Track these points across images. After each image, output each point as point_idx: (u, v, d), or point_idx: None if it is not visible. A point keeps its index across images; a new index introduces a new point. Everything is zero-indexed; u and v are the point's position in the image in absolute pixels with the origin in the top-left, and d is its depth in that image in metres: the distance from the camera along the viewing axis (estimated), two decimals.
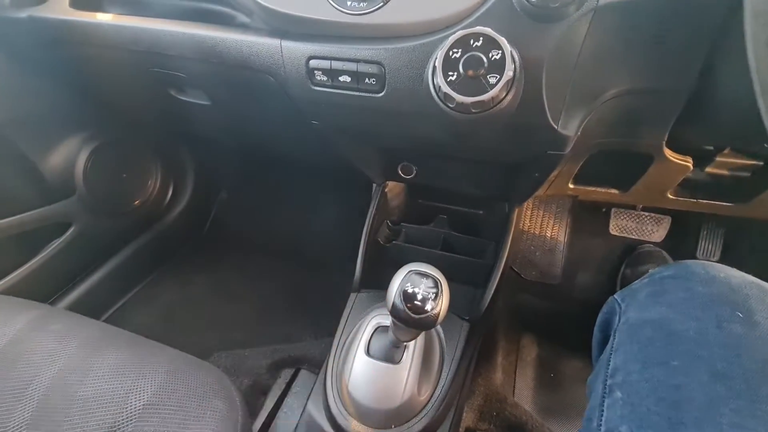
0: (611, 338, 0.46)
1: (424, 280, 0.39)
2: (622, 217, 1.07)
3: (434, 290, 0.38)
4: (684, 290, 0.43)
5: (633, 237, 1.06)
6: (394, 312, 0.39)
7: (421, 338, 0.58)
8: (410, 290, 0.38)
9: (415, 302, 0.37)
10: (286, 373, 0.86)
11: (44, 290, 0.95)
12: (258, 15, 0.53)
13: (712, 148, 0.60)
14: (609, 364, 0.43)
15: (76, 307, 0.99)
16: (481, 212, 0.89)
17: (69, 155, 0.95)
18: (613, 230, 1.07)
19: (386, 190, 0.82)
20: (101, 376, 0.51)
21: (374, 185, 0.84)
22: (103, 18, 0.66)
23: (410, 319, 0.38)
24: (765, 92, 0.26)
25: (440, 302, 0.38)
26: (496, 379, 0.88)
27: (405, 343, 0.54)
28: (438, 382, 0.59)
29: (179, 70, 0.66)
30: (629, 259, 1.06)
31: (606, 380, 0.42)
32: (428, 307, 0.37)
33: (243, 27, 0.57)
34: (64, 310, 0.66)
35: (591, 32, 0.41)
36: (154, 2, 0.68)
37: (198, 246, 1.28)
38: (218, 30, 0.57)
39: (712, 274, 0.43)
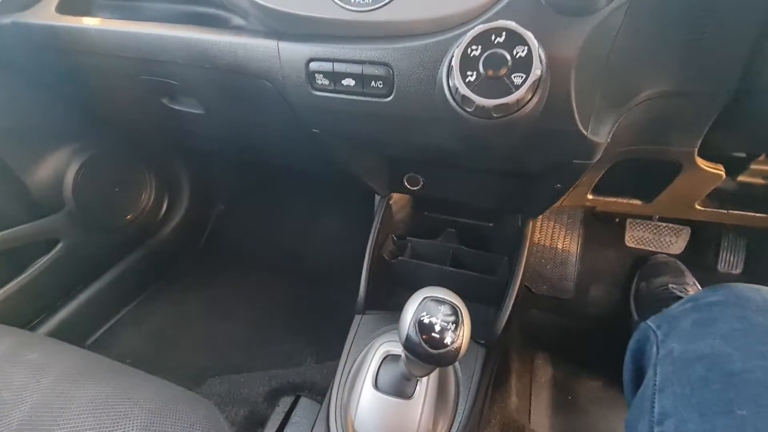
0: (652, 372, 0.40)
1: (442, 307, 0.33)
2: (638, 228, 1.02)
3: (453, 319, 0.33)
4: (738, 320, 0.37)
5: (650, 249, 1.01)
6: (409, 346, 0.34)
7: (435, 370, 0.52)
8: (427, 320, 0.33)
9: (433, 334, 0.32)
10: (285, 401, 0.79)
11: (27, 313, 0.90)
12: (254, 16, 0.49)
13: (745, 155, 0.56)
14: (654, 406, 0.37)
15: (60, 331, 0.93)
16: (491, 225, 0.84)
17: (57, 168, 0.90)
18: (630, 242, 1.02)
19: (391, 202, 0.78)
20: (78, 414, 0.46)
21: (378, 197, 0.79)
22: (90, 23, 0.63)
23: (427, 354, 0.33)
24: None
25: (461, 334, 0.33)
26: (511, 404, 0.82)
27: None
28: (455, 416, 0.53)
29: (171, 77, 0.62)
30: (641, 271, 1.00)
31: (653, 427, 0.36)
32: (448, 340, 0.32)
33: (237, 29, 0.53)
34: (43, 336, 0.61)
35: (624, 27, 0.36)
36: (144, 6, 0.65)
37: (193, 262, 1.23)
38: (210, 32, 0.53)
39: None
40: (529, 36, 0.34)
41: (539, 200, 0.62)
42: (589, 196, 0.66)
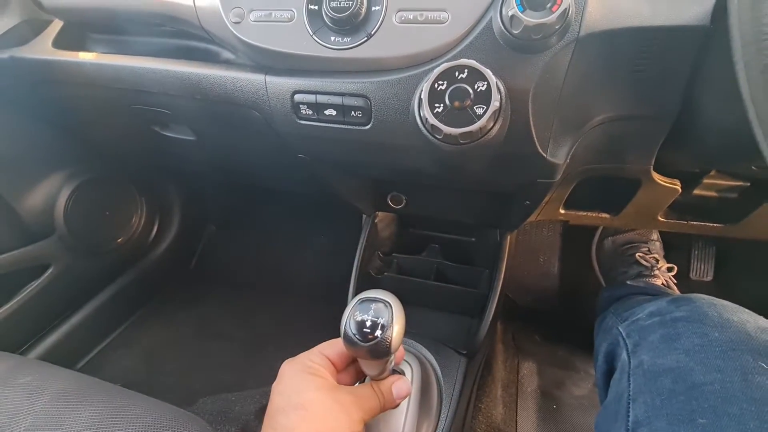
0: (626, 383, 0.44)
1: (373, 305, 0.37)
2: None
3: (385, 314, 0.37)
4: (699, 336, 0.42)
5: None
6: (348, 343, 0.37)
7: (417, 377, 0.55)
8: (359, 318, 0.37)
9: (364, 329, 0.36)
10: None
11: (17, 337, 0.90)
12: (242, 51, 0.53)
13: (697, 170, 0.61)
14: (629, 414, 0.41)
15: (51, 354, 0.93)
16: (473, 239, 0.88)
17: (49, 194, 0.92)
18: None
19: (376, 221, 0.81)
20: None
21: (364, 216, 0.82)
22: (86, 57, 0.66)
23: (363, 348, 0.36)
24: (762, 120, 0.26)
25: (391, 327, 0.36)
26: (497, 414, 0.84)
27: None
28: (438, 422, 0.56)
29: (163, 107, 0.66)
30: (604, 227, 1.00)
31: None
32: (378, 333, 0.36)
33: (227, 63, 0.57)
34: (35, 360, 0.62)
35: (573, 62, 0.41)
36: (137, 41, 0.68)
37: (184, 283, 1.24)
38: (201, 66, 0.56)
39: (726, 317, 0.43)
40: (487, 72, 0.38)
41: (513, 216, 0.67)
42: (562, 211, 0.70)
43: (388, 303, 0.37)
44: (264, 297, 1.17)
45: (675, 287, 0.89)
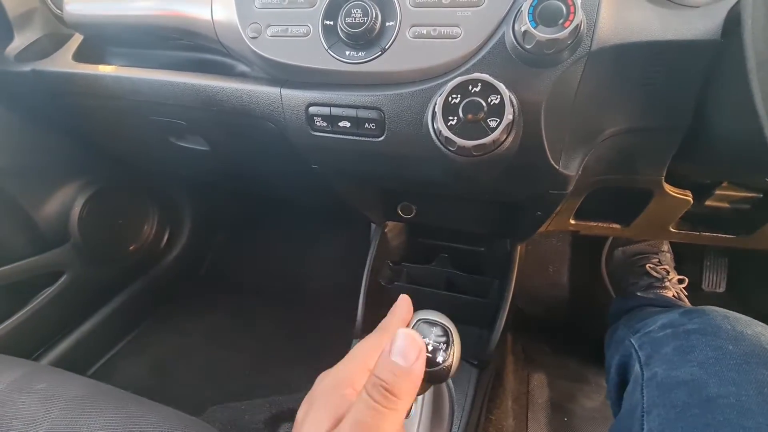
0: (639, 395, 0.44)
1: (434, 329, 0.37)
2: None
3: (444, 339, 0.36)
4: (713, 348, 0.42)
5: None
6: None
7: (430, 389, 0.55)
8: None
9: (426, 354, 0.35)
10: (286, 428, 0.81)
11: (32, 343, 0.91)
12: (258, 65, 0.54)
13: (709, 181, 0.61)
14: (643, 427, 0.41)
15: (63, 361, 0.94)
16: (482, 249, 0.88)
17: (64, 203, 0.94)
18: None
19: (386, 230, 0.82)
20: None
21: (374, 225, 0.83)
22: (105, 70, 0.68)
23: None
24: None
25: (452, 353, 0.36)
26: (508, 426, 0.83)
27: None
28: None
29: (179, 118, 0.67)
30: (614, 238, 0.99)
31: None
32: (439, 358, 0.35)
33: (242, 76, 0.58)
34: (49, 366, 0.63)
35: (585, 76, 0.41)
36: (155, 54, 0.70)
37: (193, 291, 1.25)
38: (218, 79, 0.58)
39: (740, 330, 0.43)
40: (501, 86, 0.39)
41: (524, 226, 0.67)
42: (572, 221, 0.70)
43: (448, 328, 0.37)
44: (273, 306, 1.17)
45: (686, 299, 0.88)
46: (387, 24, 0.45)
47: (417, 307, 0.46)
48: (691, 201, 0.59)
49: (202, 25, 0.56)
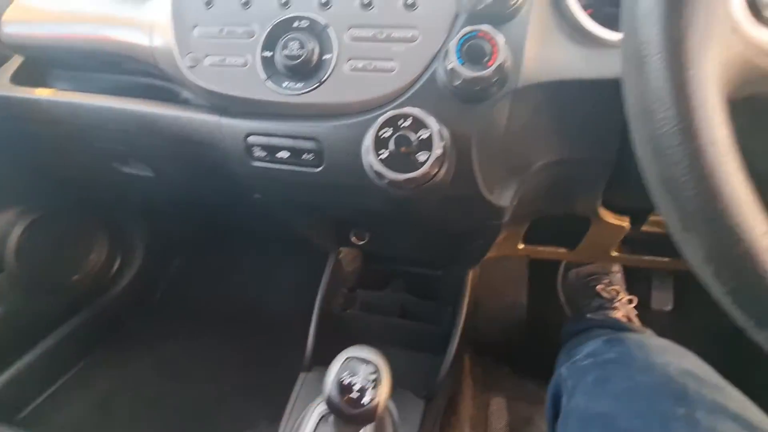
0: (562, 425, 0.44)
1: (363, 366, 0.36)
2: None
3: (374, 377, 0.35)
4: (626, 379, 0.43)
5: None
6: (331, 406, 0.35)
7: (370, 425, 0.53)
8: (346, 381, 0.35)
9: (351, 395, 0.34)
10: None
11: None
12: (198, 94, 0.54)
13: (644, 208, 0.63)
14: None
15: None
16: (439, 273, 0.88)
17: (0, 230, 0.88)
18: None
19: (341, 256, 0.81)
20: None
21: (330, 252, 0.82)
22: (42, 93, 0.65)
23: (347, 415, 0.35)
24: (654, 189, 0.27)
25: (380, 391, 0.35)
26: None
27: None
28: None
29: (120, 144, 0.65)
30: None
31: None
32: (366, 399, 0.34)
33: (184, 103, 0.57)
34: None
35: (513, 111, 0.43)
36: (101, 77, 0.68)
37: (145, 320, 1.18)
38: (158, 106, 0.57)
39: (651, 361, 0.44)
40: (430, 120, 0.40)
41: (470, 254, 0.68)
42: (521, 246, 0.72)
43: (377, 366, 0.36)
44: (227, 335, 1.12)
45: (636, 319, 0.91)
46: (324, 57, 0.46)
47: (371, 335, 0.45)
48: (628, 227, 0.62)
49: (141, 51, 0.55)
